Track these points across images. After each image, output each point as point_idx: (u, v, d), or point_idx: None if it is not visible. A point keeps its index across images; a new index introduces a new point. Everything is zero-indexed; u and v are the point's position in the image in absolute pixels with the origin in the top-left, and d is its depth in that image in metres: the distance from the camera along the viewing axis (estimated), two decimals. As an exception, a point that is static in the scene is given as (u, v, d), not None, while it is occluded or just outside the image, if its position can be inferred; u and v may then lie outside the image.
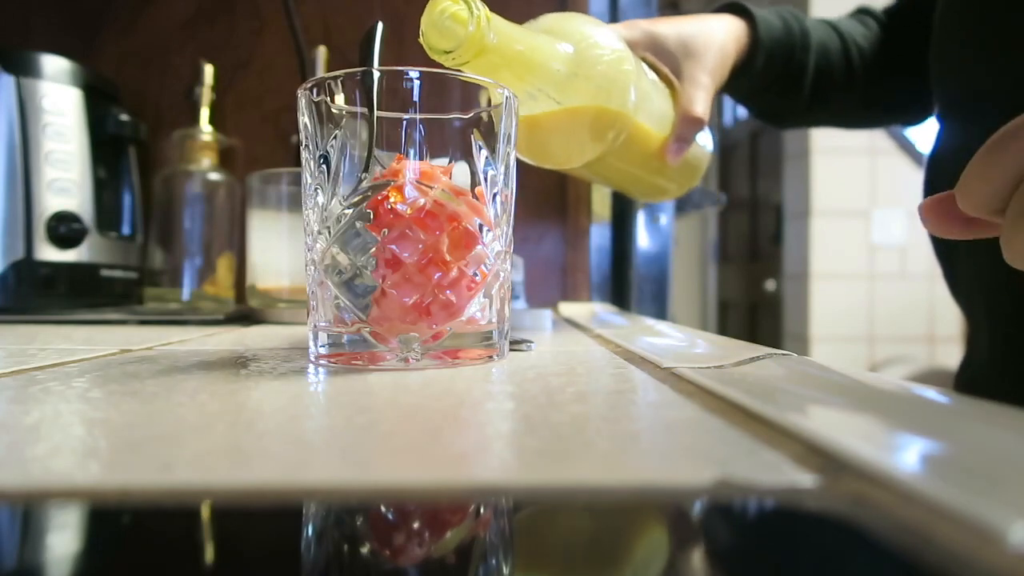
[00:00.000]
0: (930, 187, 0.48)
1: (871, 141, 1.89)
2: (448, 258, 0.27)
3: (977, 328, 0.47)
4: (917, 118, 0.60)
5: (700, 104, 0.44)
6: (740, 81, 0.51)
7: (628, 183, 0.50)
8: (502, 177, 0.30)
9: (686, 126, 0.43)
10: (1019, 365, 0.42)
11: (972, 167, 0.26)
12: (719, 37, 0.47)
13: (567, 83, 0.37)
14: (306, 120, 0.29)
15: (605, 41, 0.38)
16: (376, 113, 0.28)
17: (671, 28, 0.46)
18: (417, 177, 0.28)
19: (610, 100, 0.38)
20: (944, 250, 0.49)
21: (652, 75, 0.44)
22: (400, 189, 0.27)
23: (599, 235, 0.89)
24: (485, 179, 0.29)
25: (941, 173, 0.47)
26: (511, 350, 0.33)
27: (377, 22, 0.39)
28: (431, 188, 0.27)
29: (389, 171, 0.28)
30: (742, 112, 2.63)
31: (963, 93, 0.44)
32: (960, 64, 0.44)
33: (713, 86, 0.45)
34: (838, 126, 0.64)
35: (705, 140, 0.51)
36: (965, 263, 0.45)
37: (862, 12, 0.59)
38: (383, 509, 0.12)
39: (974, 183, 0.26)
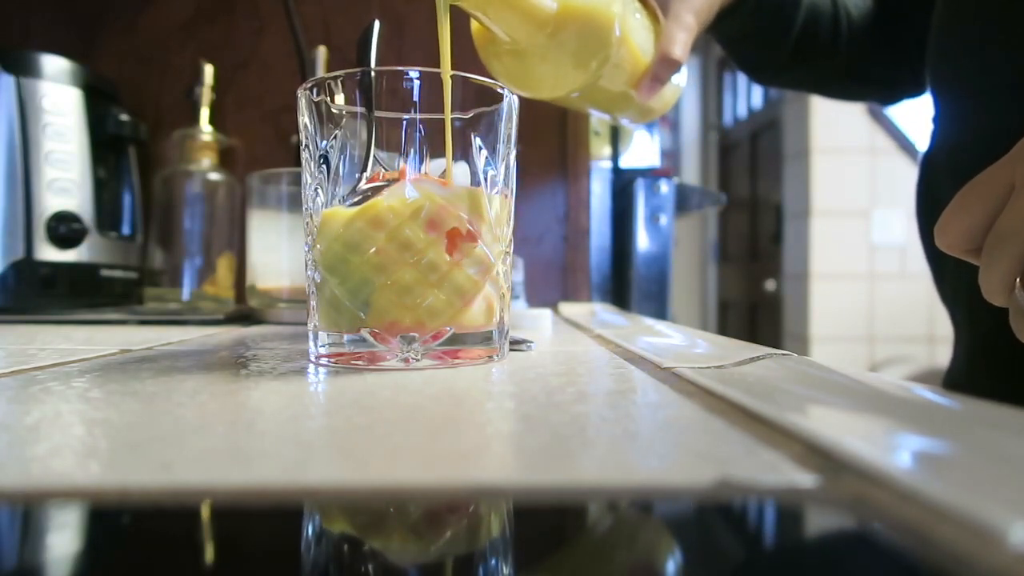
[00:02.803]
0: (924, 187, 0.48)
1: (871, 141, 1.89)
2: (448, 258, 0.27)
3: (959, 330, 0.48)
4: (895, 98, 0.61)
5: (679, 46, 0.44)
6: (726, 24, 0.51)
7: (595, 107, 0.51)
8: (502, 177, 0.30)
9: (662, 66, 0.43)
10: (994, 368, 0.43)
11: (948, 209, 0.28)
12: None
13: (554, 21, 0.39)
14: (306, 120, 0.29)
15: None
16: (374, 113, 0.28)
17: None
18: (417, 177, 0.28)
19: (593, 39, 0.40)
20: (934, 252, 0.49)
21: (638, 14, 0.44)
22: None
23: (599, 235, 0.89)
24: (485, 179, 0.29)
25: (936, 174, 0.47)
26: (511, 350, 0.33)
27: (374, 21, 0.39)
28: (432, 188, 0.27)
29: (389, 173, 0.28)
30: (742, 112, 2.63)
31: (960, 93, 0.44)
32: (958, 64, 0.44)
33: (697, 27, 0.45)
34: (815, 91, 0.64)
35: (679, 77, 0.51)
36: (952, 265, 0.45)
37: None
38: (383, 509, 0.12)
39: (950, 223, 0.28)
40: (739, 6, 0.50)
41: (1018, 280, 0.26)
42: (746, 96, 2.58)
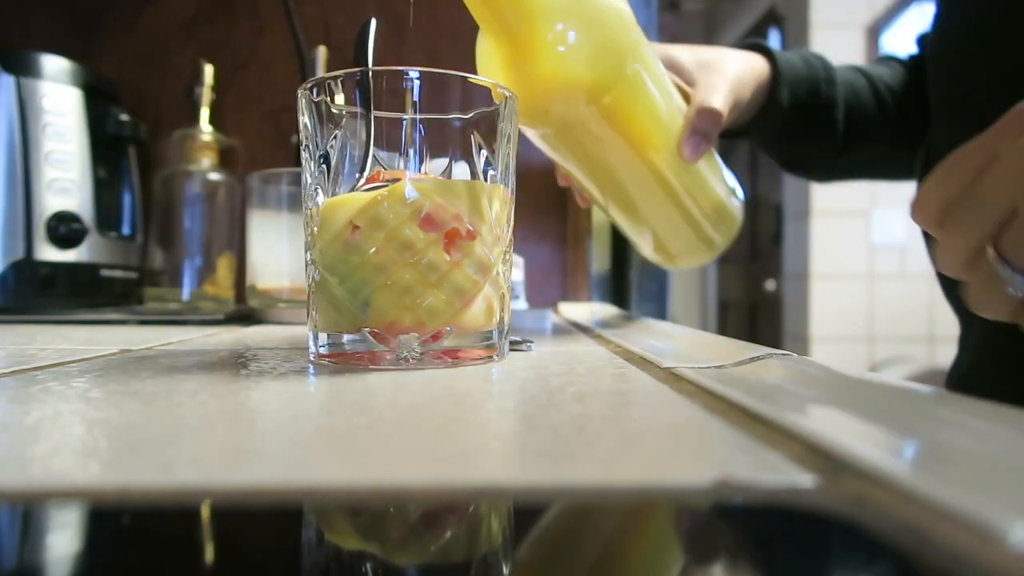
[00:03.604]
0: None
1: (871, 141, 1.89)
2: (448, 258, 0.27)
3: (967, 327, 0.47)
4: None
5: (717, 97, 0.41)
6: (768, 120, 0.48)
7: (649, 209, 0.44)
8: (502, 177, 0.30)
9: (702, 118, 0.40)
10: (1003, 366, 0.43)
11: (926, 183, 0.27)
12: (735, 62, 0.46)
13: (563, 12, 0.34)
14: (306, 120, 0.29)
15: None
16: (372, 112, 0.28)
17: (686, 50, 0.45)
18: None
19: (606, 41, 0.35)
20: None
21: (660, 65, 0.41)
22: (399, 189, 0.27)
23: (599, 235, 0.89)
24: (485, 179, 0.29)
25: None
26: (511, 350, 0.33)
27: (370, 20, 0.38)
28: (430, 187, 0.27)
29: (388, 173, 0.28)
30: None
31: (958, 89, 0.44)
32: (955, 60, 0.44)
33: (731, 92, 0.43)
34: (879, 176, 0.59)
35: (733, 183, 0.47)
36: None
37: (885, 58, 0.57)
38: (383, 509, 0.12)
39: (927, 196, 0.27)
40: (775, 98, 0.47)
41: (991, 248, 0.25)
42: (746, 96, 2.58)
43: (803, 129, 0.51)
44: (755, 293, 2.48)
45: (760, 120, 0.48)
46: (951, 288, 0.48)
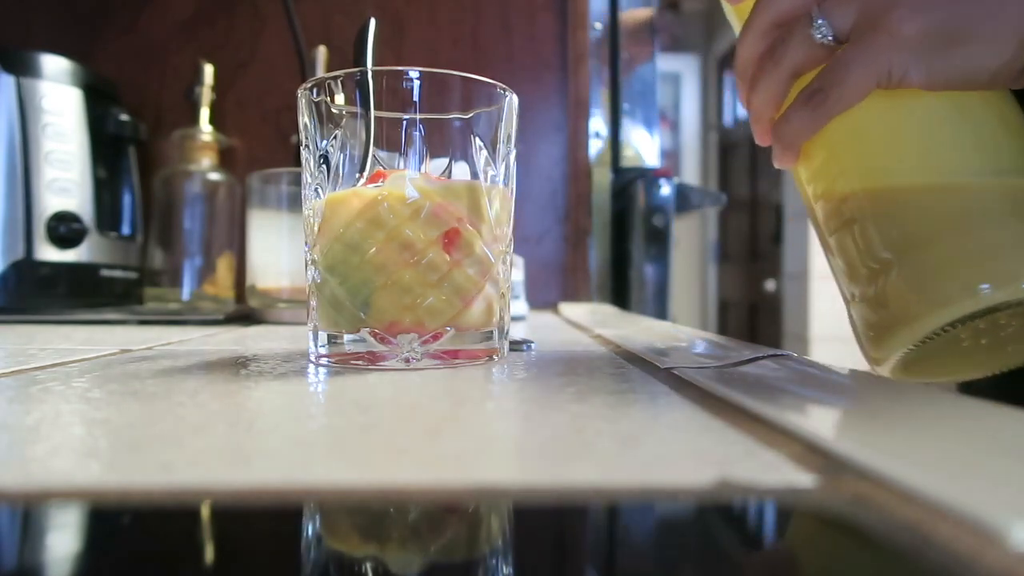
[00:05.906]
0: None
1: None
2: (448, 258, 0.27)
3: None
4: None
5: None
6: None
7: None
8: (502, 177, 0.30)
9: None
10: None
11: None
12: None
13: None
14: (306, 120, 0.29)
15: None
16: (372, 112, 0.28)
17: None
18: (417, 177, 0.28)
19: None
20: None
21: None
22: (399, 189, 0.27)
23: (599, 235, 0.88)
24: (485, 179, 0.29)
25: None
26: (511, 350, 0.33)
27: (369, 20, 0.38)
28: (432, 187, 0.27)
29: (389, 173, 0.28)
30: (742, 112, 2.63)
31: None
32: None
33: None
34: None
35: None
36: None
37: None
38: (383, 509, 0.12)
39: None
40: None
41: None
42: (746, 96, 2.58)
43: None
44: (755, 293, 2.48)
45: None
46: None
